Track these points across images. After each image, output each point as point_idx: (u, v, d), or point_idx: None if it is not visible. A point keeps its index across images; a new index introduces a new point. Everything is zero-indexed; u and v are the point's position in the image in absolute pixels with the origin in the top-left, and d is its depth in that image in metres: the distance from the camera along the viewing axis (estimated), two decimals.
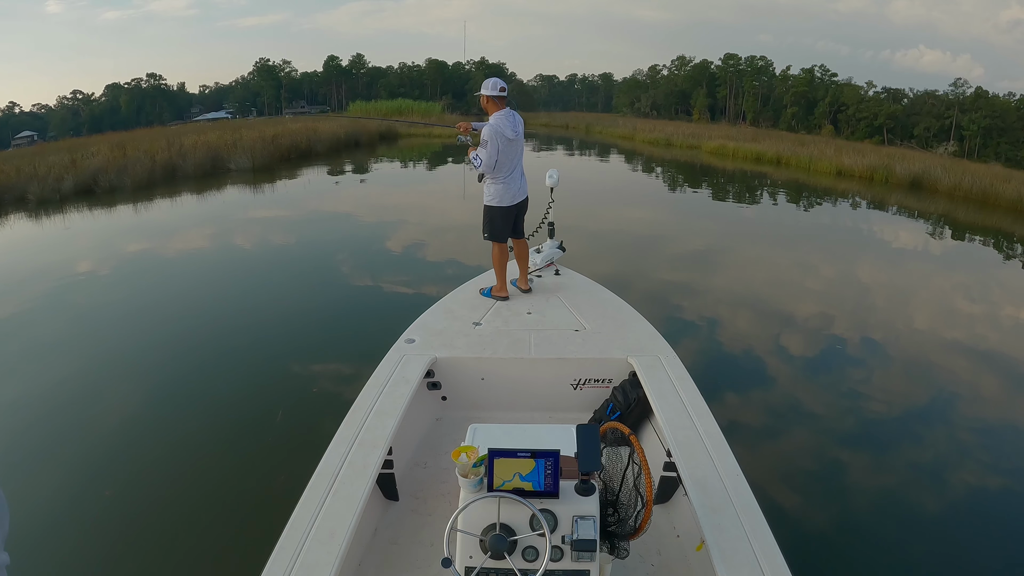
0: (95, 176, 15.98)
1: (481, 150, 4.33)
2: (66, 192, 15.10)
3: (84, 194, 15.33)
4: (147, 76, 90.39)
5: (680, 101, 78.46)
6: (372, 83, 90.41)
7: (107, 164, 17.01)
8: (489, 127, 4.30)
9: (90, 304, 7.60)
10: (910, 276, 9.82)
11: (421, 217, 12.99)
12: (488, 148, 4.29)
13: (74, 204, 14.39)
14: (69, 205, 14.27)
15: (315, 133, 25.98)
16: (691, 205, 15.68)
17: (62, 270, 9.09)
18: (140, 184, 16.26)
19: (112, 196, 15.12)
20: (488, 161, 4.32)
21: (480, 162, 4.34)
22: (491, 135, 4.28)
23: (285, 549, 2.08)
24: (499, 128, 4.29)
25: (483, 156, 4.32)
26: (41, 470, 4.17)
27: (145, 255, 10.07)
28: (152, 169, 17.37)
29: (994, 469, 4.38)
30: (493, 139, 4.28)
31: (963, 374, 6.02)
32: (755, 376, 5.62)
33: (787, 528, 2.78)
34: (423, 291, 7.53)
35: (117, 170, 16.43)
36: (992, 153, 47.39)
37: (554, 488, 1.88)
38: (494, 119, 4.32)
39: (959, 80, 56.40)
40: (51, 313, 7.26)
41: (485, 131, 4.31)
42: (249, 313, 7.14)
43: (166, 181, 17.26)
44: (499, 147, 4.30)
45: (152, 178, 16.97)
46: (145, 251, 10.30)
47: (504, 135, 4.30)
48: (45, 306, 7.51)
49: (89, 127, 71.01)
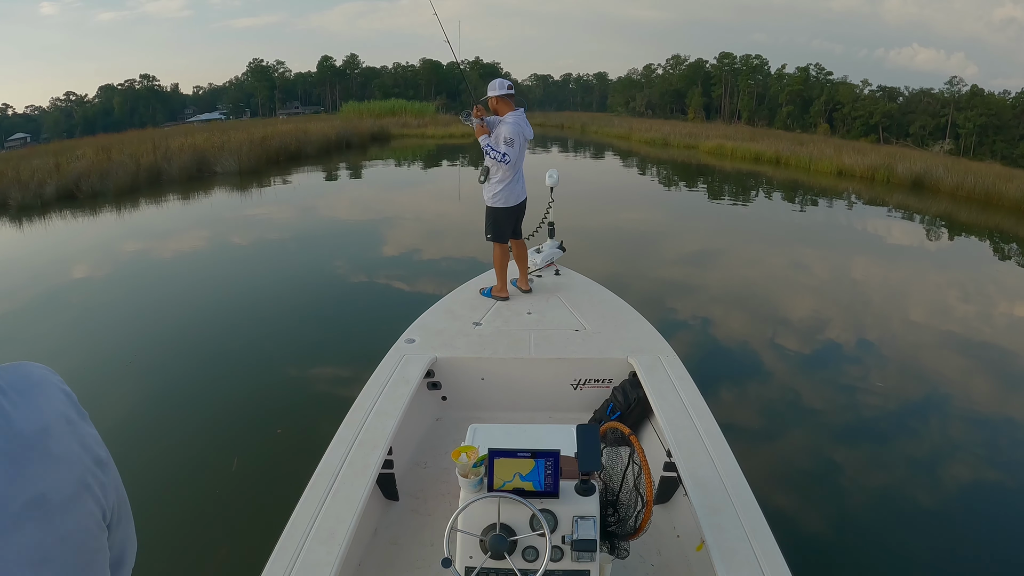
0: (78, 181, 15.46)
1: (508, 148, 4.30)
2: (48, 198, 14.60)
3: (66, 199, 14.87)
4: (140, 77, 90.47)
5: (675, 100, 78.68)
6: (366, 83, 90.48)
7: (90, 168, 16.51)
8: (510, 126, 4.30)
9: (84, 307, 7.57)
10: (913, 276, 9.79)
11: (420, 218, 12.97)
12: (515, 147, 4.30)
13: (56, 210, 13.99)
14: (51, 211, 13.86)
15: (305, 134, 25.64)
16: (690, 205, 15.68)
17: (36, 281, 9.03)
18: (123, 189, 15.77)
19: (94, 201, 14.74)
20: (515, 160, 4.35)
21: (507, 160, 4.32)
22: (514, 134, 4.28)
23: (285, 549, 2.08)
24: (520, 128, 4.32)
25: (511, 155, 4.31)
26: None
27: (133, 260, 10.02)
28: (136, 173, 16.83)
29: (999, 469, 4.39)
30: (518, 138, 4.29)
31: (969, 375, 5.98)
32: (755, 376, 5.61)
33: (787, 528, 2.79)
34: (423, 291, 7.51)
35: (100, 174, 15.98)
36: (988, 151, 47.66)
37: (554, 488, 1.88)
38: (511, 119, 4.33)
39: (954, 78, 56.68)
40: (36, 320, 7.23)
41: (508, 130, 4.29)
42: (249, 314, 7.12)
43: (150, 185, 16.81)
44: (519, 145, 4.34)
45: (136, 182, 16.46)
46: (133, 256, 10.24)
47: (524, 134, 4.35)
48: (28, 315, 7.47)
49: (82, 129, 70.88)
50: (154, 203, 15.02)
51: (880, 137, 54.56)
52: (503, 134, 4.31)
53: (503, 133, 4.31)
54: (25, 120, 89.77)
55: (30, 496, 0.55)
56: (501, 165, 4.36)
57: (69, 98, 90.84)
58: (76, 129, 73.82)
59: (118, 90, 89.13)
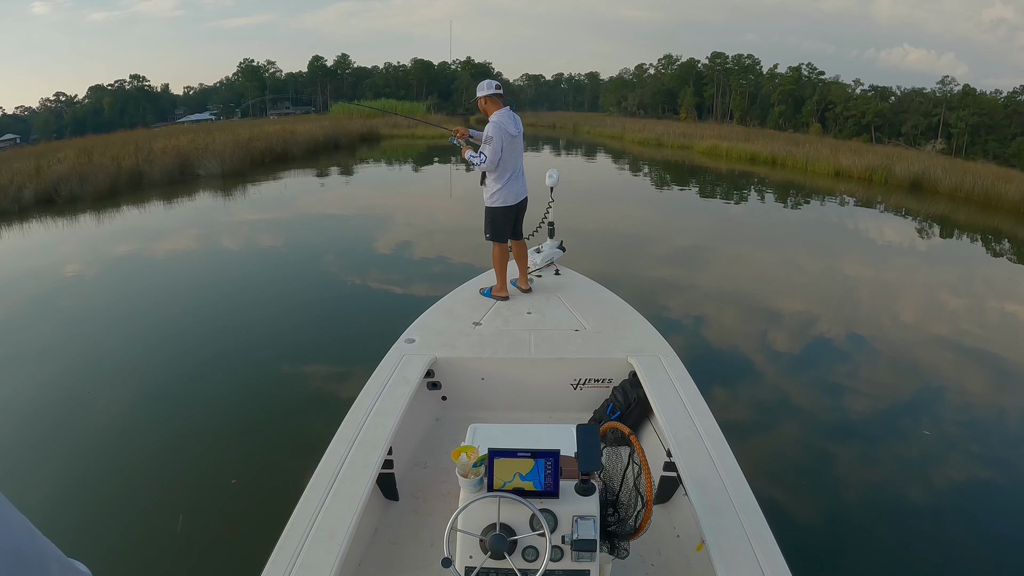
0: (57, 185, 15.02)
1: (485, 147, 4.33)
2: (26, 203, 14.17)
3: (45, 204, 14.43)
4: (131, 77, 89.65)
5: (667, 100, 78.81)
6: (357, 83, 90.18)
7: (71, 171, 16.08)
8: (492, 124, 4.32)
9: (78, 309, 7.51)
10: (916, 278, 9.79)
11: (418, 218, 12.95)
12: (493, 144, 4.30)
13: (35, 215, 13.63)
14: (29, 217, 13.50)
15: (292, 135, 25.38)
16: (688, 206, 15.70)
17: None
18: (102, 193, 15.32)
19: (73, 206, 14.40)
20: (493, 157, 4.33)
21: (484, 158, 4.33)
22: (495, 131, 4.29)
23: (285, 549, 2.08)
24: (503, 124, 4.31)
25: (488, 152, 4.32)
26: (35, 474, 4.12)
27: (120, 264, 9.97)
28: (117, 176, 16.48)
29: (1002, 469, 4.41)
30: (498, 134, 4.29)
31: (974, 377, 5.98)
32: (755, 376, 5.62)
33: (787, 528, 2.79)
34: (423, 291, 7.51)
35: (80, 178, 15.57)
36: (980, 150, 47.96)
37: (554, 488, 1.88)
38: (496, 116, 4.35)
39: (946, 78, 57.05)
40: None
41: (489, 128, 4.32)
42: (249, 315, 7.09)
43: (131, 188, 16.44)
44: (504, 143, 4.32)
45: (116, 186, 16.10)
46: (121, 259, 10.19)
47: (508, 131, 4.33)
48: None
49: (72, 129, 70.25)
50: (134, 207, 14.75)
51: (872, 137, 54.84)
52: (485, 133, 4.35)
53: (485, 132, 4.35)
54: (15, 121, 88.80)
55: None
56: (488, 166, 4.37)
57: (59, 99, 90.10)
58: (66, 130, 73.16)
59: (108, 90, 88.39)
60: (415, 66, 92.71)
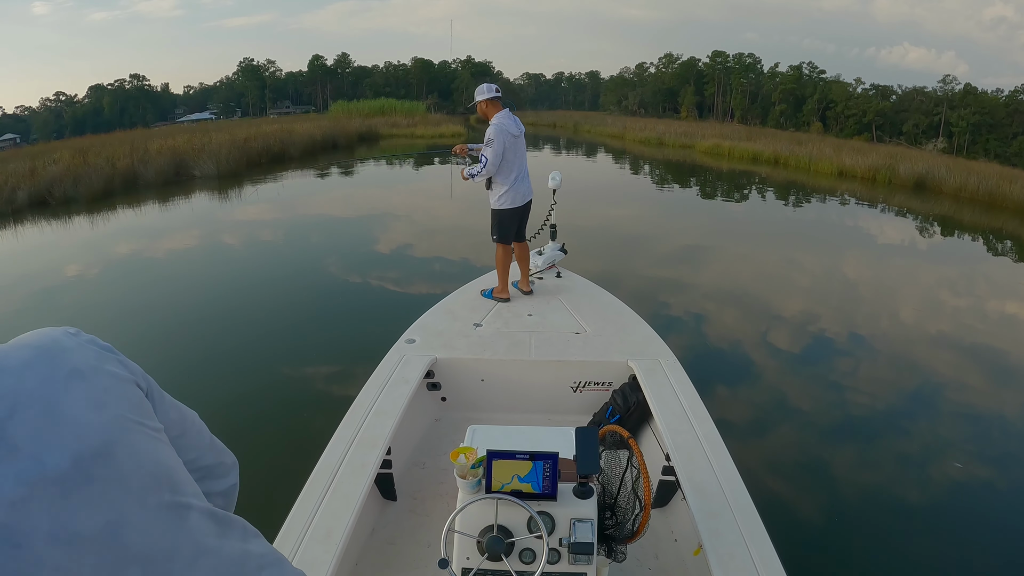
0: (51, 186, 14.86)
1: (487, 149, 4.33)
2: (20, 204, 13.98)
3: (38, 206, 14.27)
4: (130, 77, 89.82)
5: (668, 99, 78.80)
6: (357, 82, 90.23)
7: (65, 173, 15.95)
8: (494, 126, 4.32)
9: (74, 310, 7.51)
10: (920, 281, 9.74)
11: (419, 219, 12.92)
12: (494, 146, 4.30)
13: (28, 217, 13.51)
14: (22, 219, 13.36)
15: (290, 135, 25.26)
16: (690, 207, 15.62)
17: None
18: (96, 194, 15.19)
19: (67, 208, 14.29)
20: (494, 159, 4.33)
21: (486, 160, 4.34)
22: (496, 132, 4.29)
23: (282, 547, 2.07)
24: (504, 125, 4.32)
25: (489, 155, 4.32)
26: None
27: (121, 263, 9.97)
28: (111, 177, 16.35)
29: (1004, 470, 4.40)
30: (499, 136, 4.29)
31: (979, 379, 5.95)
32: (755, 381, 5.59)
33: (785, 533, 2.78)
34: (424, 292, 7.50)
35: (74, 179, 15.45)
36: (981, 149, 47.91)
37: (552, 490, 1.87)
38: (497, 119, 4.36)
39: (948, 77, 56.97)
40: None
41: (490, 130, 4.32)
42: (248, 314, 7.10)
43: (125, 190, 16.20)
44: (505, 144, 4.33)
45: (110, 187, 15.93)
46: (122, 259, 10.19)
47: (510, 132, 4.34)
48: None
49: (72, 129, 70.34)
50: (128, 208, 14.66)
51: (874, 136, 54.78)
52: (487, 136, 4.35)
53: (487, 135, 4.35)
54: (15, 121, 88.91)
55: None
56: (490, 168, 4.37)
57: (59, 98, 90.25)
58: (66, 130, 73.29)
59: (108, 90, 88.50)
60: (415, 65, 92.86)
